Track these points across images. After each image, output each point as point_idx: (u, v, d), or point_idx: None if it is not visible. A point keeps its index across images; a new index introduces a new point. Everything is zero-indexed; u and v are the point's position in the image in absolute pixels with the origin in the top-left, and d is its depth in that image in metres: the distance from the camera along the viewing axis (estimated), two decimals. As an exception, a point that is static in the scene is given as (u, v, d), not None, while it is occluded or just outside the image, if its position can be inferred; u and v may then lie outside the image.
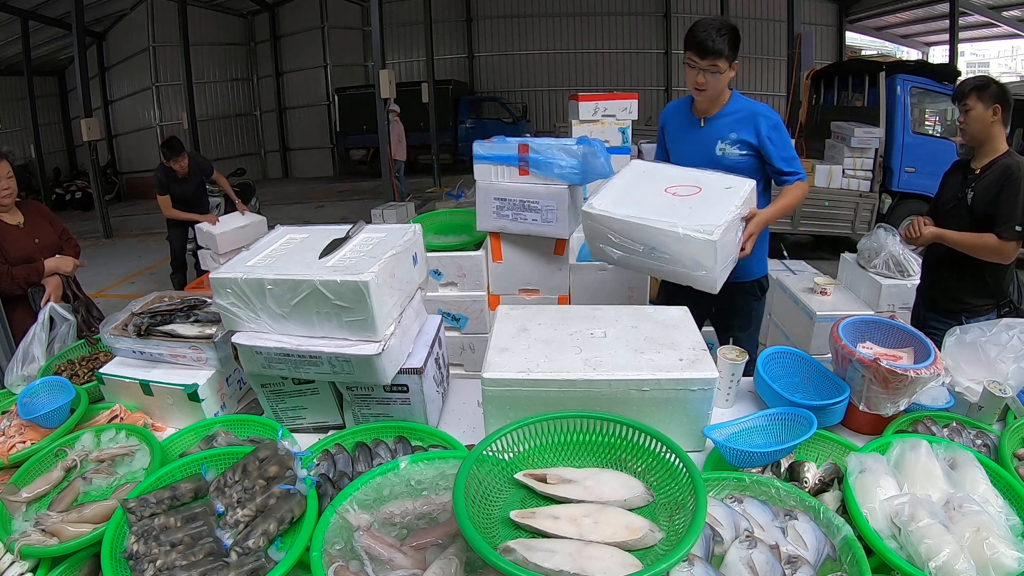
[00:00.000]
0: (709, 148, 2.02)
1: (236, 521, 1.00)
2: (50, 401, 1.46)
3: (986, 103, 2.00)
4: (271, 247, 1.46)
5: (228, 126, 14.22)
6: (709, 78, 1.87)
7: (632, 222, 1.64)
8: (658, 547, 0.90)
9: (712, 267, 1.58)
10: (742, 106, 2.02)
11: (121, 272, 7.05)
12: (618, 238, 1.69)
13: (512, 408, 1.22)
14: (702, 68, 1.86)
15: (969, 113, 2.03)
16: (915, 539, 0.92)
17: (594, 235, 1.76)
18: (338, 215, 9.28)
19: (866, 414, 1.32)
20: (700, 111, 2.04)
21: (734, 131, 1.98)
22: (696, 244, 1.56)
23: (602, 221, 1.70)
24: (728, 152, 2.00)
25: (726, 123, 2.01)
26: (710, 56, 1.84)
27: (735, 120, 1.99)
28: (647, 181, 1.84)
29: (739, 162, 2.00)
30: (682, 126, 2.11)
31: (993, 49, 19.03)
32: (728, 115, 2.01)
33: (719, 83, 1.91)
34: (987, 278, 2.09)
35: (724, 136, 2.00)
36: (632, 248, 1.67)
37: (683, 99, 2.17)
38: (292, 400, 1.41)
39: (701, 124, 2.04)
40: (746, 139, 1.97)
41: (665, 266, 1.65)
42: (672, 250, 1.60)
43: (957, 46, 11.37)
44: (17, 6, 9.63)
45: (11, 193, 2.25)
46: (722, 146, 2.00)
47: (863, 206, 6.19)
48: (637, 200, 1.72)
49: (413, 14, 13.21)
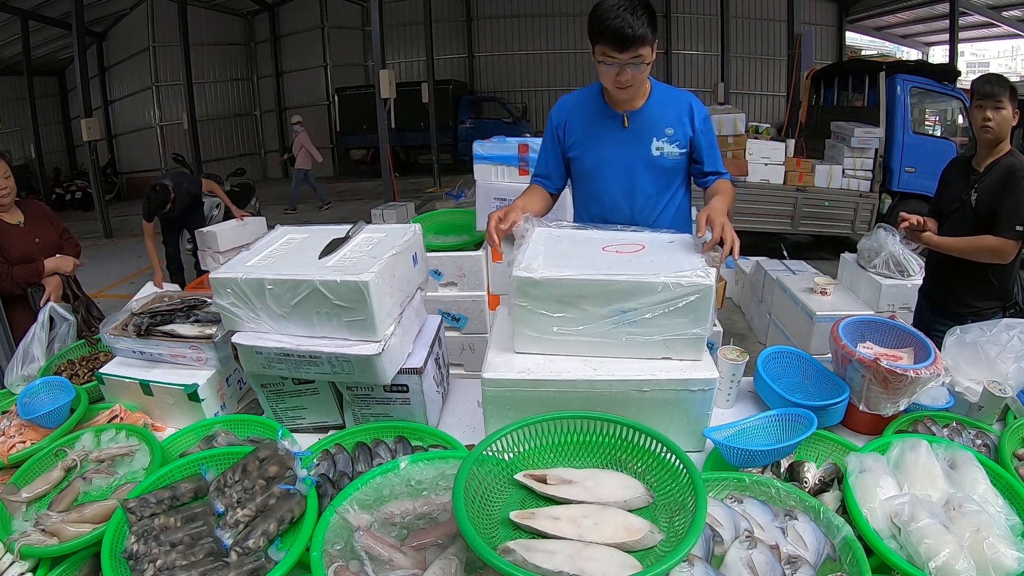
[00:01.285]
0: (642, 149, 1.69)
1: (236, 521, 1.00)
2: (50, 401, 1.46)
3: (1014, 106, 1.99)
4: (271, 247, 1.46)
5: (228, 126, 14.23)
6: (633, 72, 1.51)
7: (598, 279, 1.20)
8: (658, 548, 0.89)
9: (707, 320, 1.21)
10: (669, 94, 1.71)
11: (121, 272, 7.06)
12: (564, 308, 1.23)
13: (512, 408, 1.22)
14: (623, 63, 1.49)
15: (1001, 112, 1.98)
16: (915, 539, 0.92)
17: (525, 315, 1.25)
18: (338, 215, 9.28)
19: (866, 414, 1.32)
20: (619, 105, 1.68)
21: (670, 125, 1.67)
22: (688, 291, 1.18)
23: (552, 286, 1.21)
24: (667, 152, 1.69)
25: (658, 117, 1.68)
26: (632, 47, 1.46)
27: (668, 112, 1.68)
28: (569, 243, 1.42)
29: (677, 163, 1.72)
30: (596, 126, 1.71)
31: (993, 49, 19.06)
32: (657, 107, 1.68)
33: (645, 75, 1.57)
34: (992, 280, 2.07)
35: (659, 133, 1.68)
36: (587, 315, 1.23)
37: (583, 91, 1.76)
38: (292, 400, 1.41)
39: (624, 123, 1.68)
40: (684, 134, 1.68)
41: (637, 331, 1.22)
42: (653, 308, 1.20)
43: (957, 46, 11.38)
44: (17, 6, 9.64)
45: (10, 193, 2.25)
46: (659, 145, 1.68)
47: (863, 206, 6.20)
48: (580, 261, 1.29)
49: (413, 14, 13.23)
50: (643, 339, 1.23)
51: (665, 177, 1.73)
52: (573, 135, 1.74)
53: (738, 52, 13.27)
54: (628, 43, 1.45)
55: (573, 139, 1.74)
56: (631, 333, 1.22)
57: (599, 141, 1.71)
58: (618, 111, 1.68)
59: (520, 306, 1.24)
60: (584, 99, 1.74)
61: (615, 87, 1.58)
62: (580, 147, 1.74)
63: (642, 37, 1.45)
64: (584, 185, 1.80)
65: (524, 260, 1.28)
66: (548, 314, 1.23)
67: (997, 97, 1.98)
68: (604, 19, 1.45)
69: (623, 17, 1.43)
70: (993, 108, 1.99)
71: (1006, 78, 2.04)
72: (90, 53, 11.99)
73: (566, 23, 14.05)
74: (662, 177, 1.73)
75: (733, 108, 6.91)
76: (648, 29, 1.45)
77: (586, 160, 1.74)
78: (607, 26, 1.44)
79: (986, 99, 2.01)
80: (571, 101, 1.77)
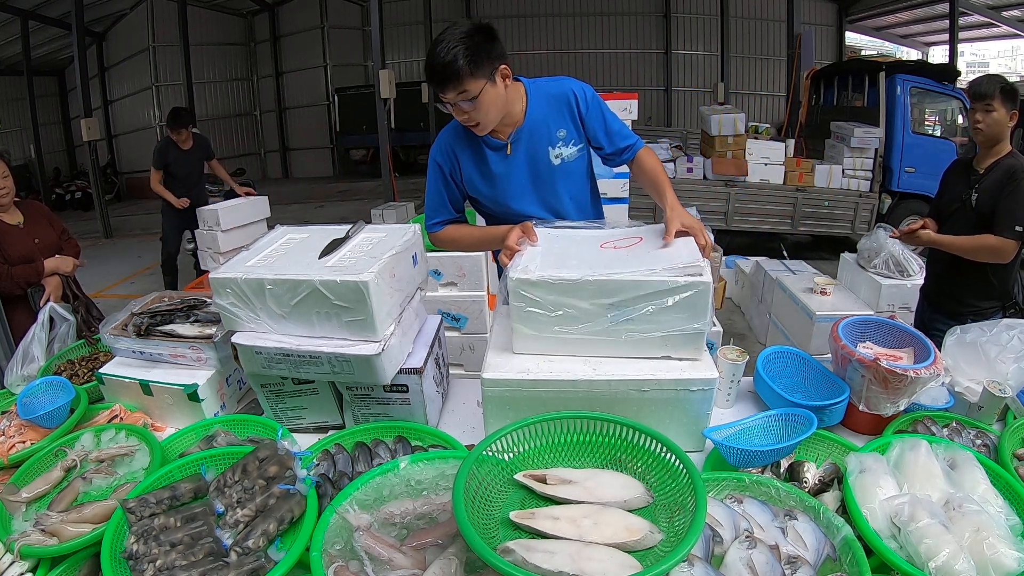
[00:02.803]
0: (540, 165, 1.58)
1: (236, 521, 1.00)
2: (50, 401, 1.46)
3: (1008, 107, 1.98)
4: (271, 247, 1.46)
5: (228, 126, 14.23)
6: (468, 107, 1.42)
7: (597, 280, 1.19)
8: (658, 548, 0.89)
9: (707, 315, 1.19)
10: (546, 94, 1.58)
11: (121, 272, 7.05)
12: (562, 308, 1.22)
13: (512, 408, 1.22)
14: (453, 101, 1.41)
15: (991, 114, 1.99)
16: (915, 539, 0.92)
17: (523, 315, 1.24)
18: (338, 215, 9.28)
19: (866, 414, 1.32)
20: (498, 133, 1.57)
21: (559, 126, 1.57)
22: (687, 289, 1.17)
23: (545, 288, 1.20)
24: (566, 156, 1.59)
25: (542, 124, 1.57)
26: (451, 84, 1.37)
27: (551, 114, 1.57)
28: (567, 243, 1.41)
29: (581, 163, 1.63)
30: (484, 159, 1.60)
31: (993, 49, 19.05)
32: (539, 113, 1.57)
33: (493, 102, 1.43)
34: (992, 279, 2.08)
35: (551, 140, 1.57)
36: (586, 314, 1.22)
37: (451, 127, 1.61)
38: (292, 400, 1.41)
39: (508, 151, 1.57)
40: (573, 131, 1.58)
41: (636, 328, 1.21)
42: (651, 304, 1.19)
43: (957, 46, 11.37)
44: (17, 6, 9.63)
45: (9, 192, 2.25)
46: (557, 152, 1.58)
47: (863, 206, 6.20)
48: (577, 260, 1.28)
49: (413, 14, 13.23)
50: (642, 336, 1.22)
51: (576, 178, 1.65)
52: (471, 173, 1.62)
53: (738, 52, 13.26)
54: (446, 80, 1.37)
55: (472, 177, 1.62)
56: (630, 331, 1.21)
57: (498, 173, 1.60)
58: (500, 139, 1.57)
59: (518, 307, 1.23)
60: (457, 135, 1.60)
61: (466, 125, 1.50)
62: (481, 184, 1.63)
63: (455, 73, 1.35)
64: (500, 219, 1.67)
65: (521, 262, 1.28)
66: (546, 313, 1.22)
67: (987, 99, 1.99)
68: (427, 62, 1.40)
69: (436, 56, 1.36)
70: (983, 110, 2.00)
71: (999, 79, 2.04)
72: (90, 53, 11.98)
73: (566, 23, 14.04)
74: (573, 179, 1.64)
75: (733, 108, 6.91)
76: (466, 62, 1.35)
77: (493, 193, 1.62)
78: (427, 68, 1.40)
79: (976, 101, 2.02)
80: (447, 140, 1.62)
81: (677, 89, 13.84)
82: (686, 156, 6.40)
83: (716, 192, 6.26)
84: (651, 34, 13.87)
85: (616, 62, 14.03)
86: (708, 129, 6.29)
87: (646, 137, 6.81)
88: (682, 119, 13.56)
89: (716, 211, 6.26)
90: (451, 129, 1.62)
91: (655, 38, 13.88)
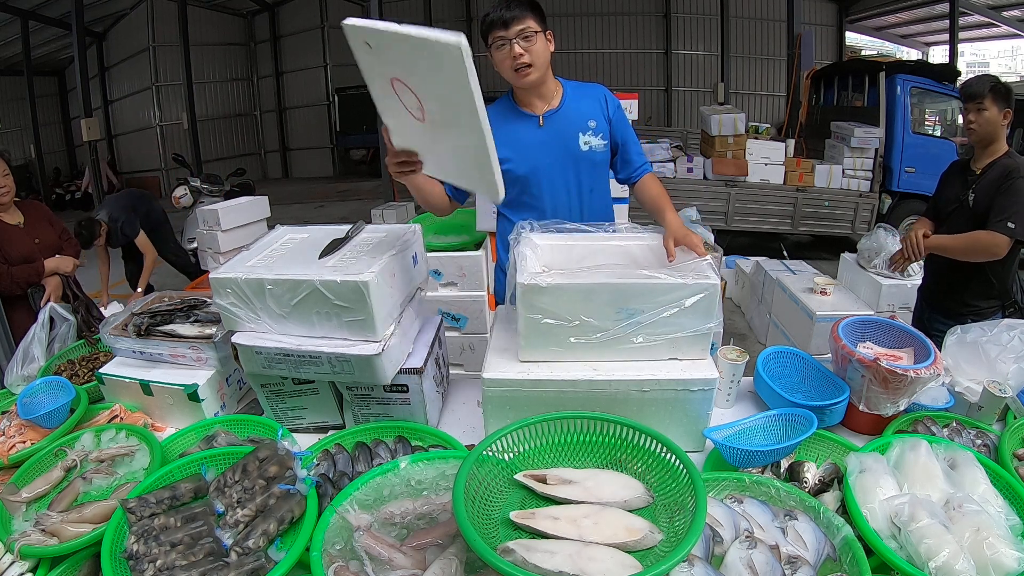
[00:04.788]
0: (568, 146, 1.62)
1: (236, 521, 1.00)
2: (50, 401, 1.46)
3: (1000, 106, 1.99)
4: (271, 247, 1.46)
5: (228, 126, 14.22)
6: (525, 45, 1.49)
7: (612, 283, 1.19)
8: (658, 548, 0.90)
9: (716, 315, 1.22)
10: (581, 88, 1.66)
11: (120, 272, 7.03)
12: (575, 315, 1.21)
13: (512, 408, 1.22)
14: (511, 38, 1.48)
15: (983, 114, 2.00)
16: (915, 539, 0.92)
17: (538, 327, 1.23)
18: (338, 215, 9.27)
19: (866, 414, 1.32)
20: (531, 103, 1.62)
21: (590, 117, 1.61)
22: (697, 290, 1.18)
23: (557, 293, 1.19)
24: (594, 145, 1.62)
25: (576, 112, 1.62)
26: (515, 20, 1.47)
27: (585, 105, 1.63)
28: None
29: (605, 156, 1.66)
30: (515, 129, 1.62)
31: (993, 49, 19.03)
32: (574, 102, 1.63)
33: (542, 52, 1.52)
34: (992, 279, 2.08)
35: (583, 126, 1.61)
36: (602, 323, 1.21)
37: (495, 103, 1.63)
38: (292, 400, 1.41)
39: (540, 122, 1.62)
40: (604, 126, 1.62)
41: (648, 333, 1.22)
42: (665, 307, 1.20)
43: (957, 46, 11.36)
44: (17, 6, 9.63)
45: (8, 192, 2.25)
46: (586, 139, 1.61)
47: (863, 206, 6.20)
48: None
49: (413, 14, 13.20)
50: (653, 340, 1.23)
51: (599, 171, 1.68)
52: (498, 138, 1.60)
53: (738, 52, 13.25)
54: (511, 15, 1.47)
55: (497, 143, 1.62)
56: (644, 335, 1.22)
57: (521, 145, 1.61)
58: (534, 112, 1.62)
59: (532, 319, 1.22)
60: (497, 107, 1.63)
61: (514, 69, 1.52)
62: (504, 154, 1.56)
63: (522, 7, 1.47)
64: (517, 195, 1.67)
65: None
66: (564, 324, 1.21)
67: (978, 99, 2.00)
68: (487, 13, 1.51)
69: (502, 3, 1.49)
70: (975, 110, 2.01)
71: (990, 78, 2.05)
72: (90, 53, 11.97)
73: (566, 23, 14.03)
74: (596, 171, 1.67)
75: (733, 108, 6.91)
76: (528, 5, 1.49)
77: (517, 168, 1.62)
78: (488, 14, 1.51)
79: (968, 101, 2.03)
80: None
81: (677, 89, 13.83)
82: (686, 156, 6.40)
83: (716, 192, 6.26)
84: (651, 34, 13.86)
85: (616, 62, 14.03)
86: (708, 129, 6.29)
87: (646, 137, 6.82)
88: (682, 119, 13.55)
89: (716, 211, 6.26)
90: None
91: (655, 38, 13.88)
